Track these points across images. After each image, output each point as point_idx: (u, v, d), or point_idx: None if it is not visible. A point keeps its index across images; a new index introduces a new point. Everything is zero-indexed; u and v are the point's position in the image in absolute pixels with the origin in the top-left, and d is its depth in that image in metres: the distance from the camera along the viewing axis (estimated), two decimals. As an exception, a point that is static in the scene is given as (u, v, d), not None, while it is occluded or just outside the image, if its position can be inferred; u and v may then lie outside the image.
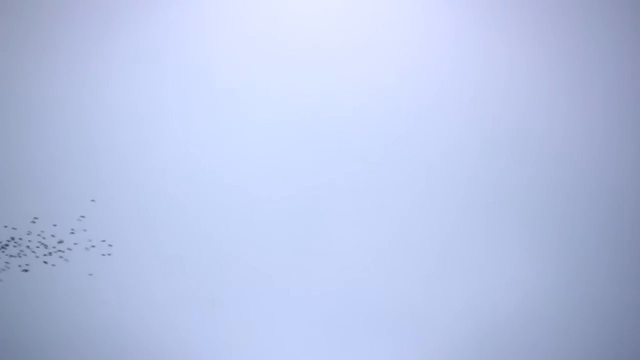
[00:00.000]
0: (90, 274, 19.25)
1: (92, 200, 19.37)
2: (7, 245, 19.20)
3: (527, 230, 19.37)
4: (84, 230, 19.37)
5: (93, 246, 19.32)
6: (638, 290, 18.99)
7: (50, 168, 19.60)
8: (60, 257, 19.26)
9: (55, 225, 19.42)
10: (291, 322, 19.12)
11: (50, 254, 19.18)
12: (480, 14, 20.02)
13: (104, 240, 19.29)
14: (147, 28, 20.32)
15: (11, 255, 19.11)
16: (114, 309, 19.31)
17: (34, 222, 19.38)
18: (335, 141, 19.99)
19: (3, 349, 18.89)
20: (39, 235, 19.25)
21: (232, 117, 20.14)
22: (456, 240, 19.42)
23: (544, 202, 19.51)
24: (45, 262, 19.14)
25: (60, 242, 19.24)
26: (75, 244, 19.30)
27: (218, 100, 20.11)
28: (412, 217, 19.57)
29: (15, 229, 19.27)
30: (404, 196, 19.62)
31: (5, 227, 19.49)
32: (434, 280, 19.26)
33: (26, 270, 19.16)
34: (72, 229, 19.30)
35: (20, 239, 19.31)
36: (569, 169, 19.57)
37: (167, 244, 19.64)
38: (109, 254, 19.30)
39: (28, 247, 19.20)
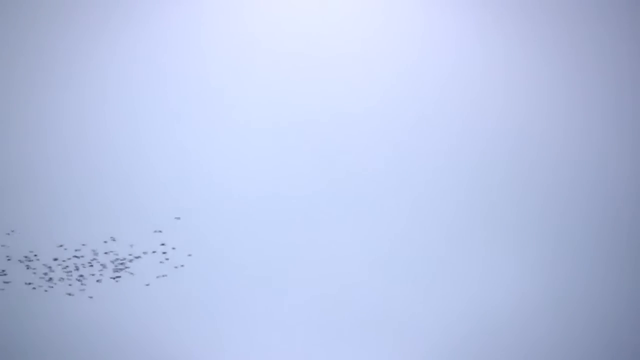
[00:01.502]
0: (147, 284, 19.61)
1: (177, 218, 19.81)
2: (86, 260, 19.72)
3: (524, 235, 19.41)
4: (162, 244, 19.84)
5: (167, 253, 19.79)
6: (635, 293, 18.97)
7: (121, 187, 19.88)
8: (130, 273, 19.69)
9: (131, 245, 19.75)
10: (290, 324, 19.12)
11: (122, 267, 19.66)
12: (481, 18, 20.17)
13: (173, 248, 19.65)
14: (145, 31, 20.49)
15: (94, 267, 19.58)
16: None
17: (108, 241, 19.87)
18: (334, 145, 20.09)
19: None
20: (110, 253, 19.77)
21: (232, 121, 20.25)
22: (454, 244, 19.45)
23: (542, 208, 19.55)
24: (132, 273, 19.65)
25: (136, 257, 19.69)
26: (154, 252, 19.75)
27: (220, 106, 20.27)
28: (409, 222, 19.61)
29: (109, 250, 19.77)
30: (401, 201, 19.68)
31: (84, 245, 19.79)
32: (431, 284, 19.27)
33: (118, 277, 19.61)
34: (145, 252, 19.76)
35: (96, 251, 19.79)
36: (566, 175, 19.63)
37: (168, 248, 19.73)
38: (182, 265, 19.62)
39: (102, 263, 19.79)
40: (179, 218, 19.68)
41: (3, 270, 19.50)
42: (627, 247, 19.18)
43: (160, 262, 19.61)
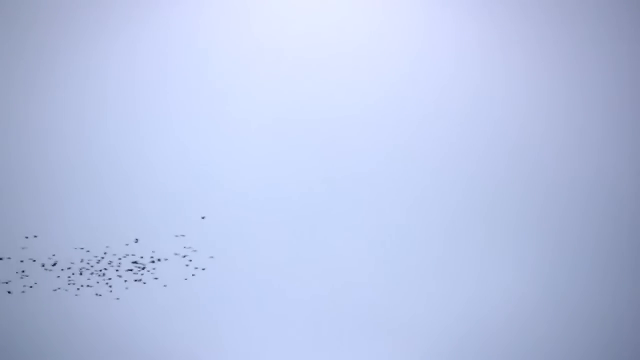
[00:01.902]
0: (164, 285, 19.74)
1: (203, 217, 19.81)
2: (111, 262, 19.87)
3: (524, 236, 19.40)
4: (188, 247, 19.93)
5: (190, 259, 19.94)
6: (634, 294, 19.14)
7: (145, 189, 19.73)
8: (155, 278, 19.83)
9: (154, 252, 19.84)
10: (289, 324, 19.15)
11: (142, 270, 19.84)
12: (481, 19, 19.91)
13: (195, 250, 19.75)
14: (146, 29, 20.20)
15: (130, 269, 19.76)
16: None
17: (130, 244, 19.93)
18: (333, 146, 19.90)
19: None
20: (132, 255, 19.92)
21: (232, 120, 20.07)
22: (453, 245, 19.53)
23: (541, 209, 19.45)
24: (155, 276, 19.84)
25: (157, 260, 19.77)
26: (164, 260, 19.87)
27: (219, 104, 20.06)
28: (409, 223, 19.55)
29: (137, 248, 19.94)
30: (401, 201, 19.56)
31: (108, 247, 19.89)
32: (430, 285, 19.38)
33: (140, 280, 19.76)
34: (177, 253, 19.87)
35: (119, 256, 19.94)
36: (565, 176, 19.51)
37: (166, 244, 19.74)
38: (203, 269, 19.71)
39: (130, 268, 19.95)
40: (204, 217, 19.67)
41: (23, 271, 19.60)
42: (627, 248, 19.26)
43: (186, 265, 19.73)
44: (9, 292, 19.36)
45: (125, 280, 19.58)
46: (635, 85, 19.75)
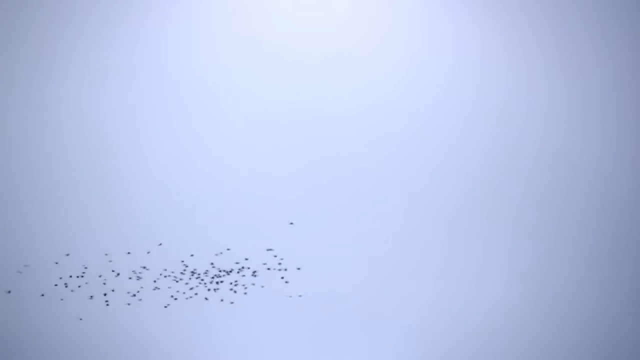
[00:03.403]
0: (244, 289, 19.61)
1: (291, 223, 19.69)
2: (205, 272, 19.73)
3: (522, 237, 19.36)
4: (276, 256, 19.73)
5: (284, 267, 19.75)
6: (633, 297, 19.03)
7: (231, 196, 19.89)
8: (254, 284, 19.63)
9: (247, 259, 19.54)
10: (286, 324, 19.24)
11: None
12: (482, 19, 20.15)
13: (281, 259, 19.56)
14: (144, 29, 20.51)
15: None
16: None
17: (219, 255, 19.73)
18: (329, 146, 20.10)
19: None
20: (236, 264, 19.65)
21: (231, 119, 20.31)
22: (450, 246, 19.41)
23: (540, 210, 19.47)
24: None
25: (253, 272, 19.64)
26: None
27: (220, 104, 20.31)
28: (407, 223, 19.59)
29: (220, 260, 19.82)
30: (399, 202, 19.68)
31: (192, 255, 19.67)
32: (427, 286, 19.26)
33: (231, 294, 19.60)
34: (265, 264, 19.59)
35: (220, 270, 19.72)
36: (565, 177, 19.62)
37: (162, 238, 19.80)
38: (287, 281, 19.63)
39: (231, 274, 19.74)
40: (292, 223, 19.63)
41: (111, 289, 19.24)
42: (626, 250, 19.20)
43: (282, 278, 19.46)
44: (106, 304, 19.13)
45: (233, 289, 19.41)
46: (636, 85, 19.86)
